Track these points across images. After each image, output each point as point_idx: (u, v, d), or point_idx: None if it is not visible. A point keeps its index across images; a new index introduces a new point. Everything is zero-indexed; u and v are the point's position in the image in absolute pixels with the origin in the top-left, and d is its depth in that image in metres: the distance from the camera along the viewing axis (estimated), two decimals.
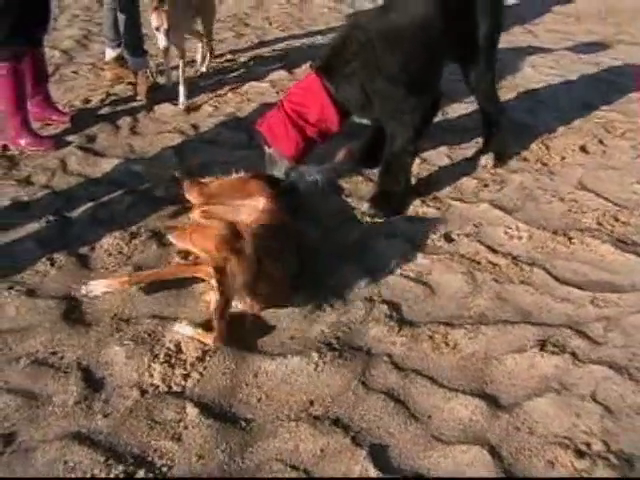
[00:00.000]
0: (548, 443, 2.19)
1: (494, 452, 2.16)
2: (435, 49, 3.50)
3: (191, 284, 3.03)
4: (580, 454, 2.13)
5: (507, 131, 3.97)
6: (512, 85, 4.94)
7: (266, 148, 3.67)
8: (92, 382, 2.55)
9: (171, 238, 3.16)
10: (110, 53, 5.36)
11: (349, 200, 3.64)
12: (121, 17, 4.94)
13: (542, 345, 2.59)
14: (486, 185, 3.71)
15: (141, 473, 2.16)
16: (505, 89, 4.83)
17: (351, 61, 3.43)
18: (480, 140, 4.06)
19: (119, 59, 5.31)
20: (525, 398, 2.39)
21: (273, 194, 3.06)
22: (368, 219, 3.46)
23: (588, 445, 2.17)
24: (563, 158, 3.95)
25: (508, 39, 5.85)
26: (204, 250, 2.90)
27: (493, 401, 2.38)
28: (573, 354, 2.54)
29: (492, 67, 3.79)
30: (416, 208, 3.53)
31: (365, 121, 3.96)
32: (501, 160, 3.88)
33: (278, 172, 3.60)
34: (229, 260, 2.71)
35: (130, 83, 5.22)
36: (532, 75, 5.12)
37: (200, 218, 3.05)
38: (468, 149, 4.06)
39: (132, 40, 5.02)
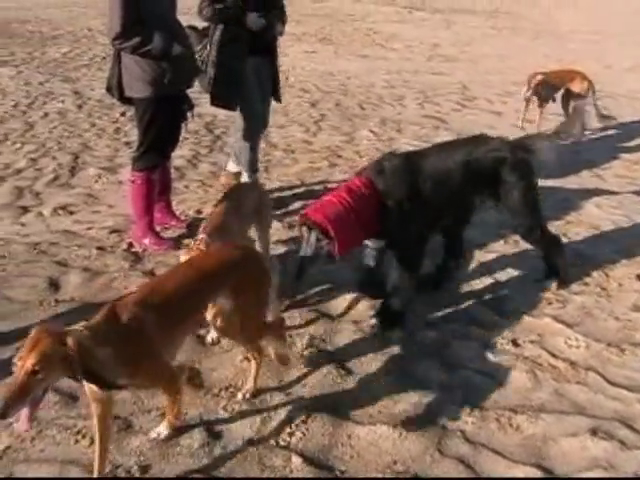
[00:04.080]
0: None
1: None
2: (445, 197, 4.01)
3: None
4: None
5: (568, 259, 4.53)
6: (577, 221, 5.50)
7: (310, 232, 3.66)
8: (212, 433, 3.11)
9: None
10: (233, 167, 6.17)
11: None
12: (244, 143, 5.85)
13: (594, 432, 3.06)
14: (550, 303, 4.23)
15: None
16: (570, 224, 5.41)
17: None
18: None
19: (237, 174, 6.11)
20: (576, 472, 2.85)
21: None
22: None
23: None
24: (620, 284, 4.46)
25: (577, 181, 6.48)
26: None
27: (549, 472, 2.85)
28: (621, 442, 3.00)
29: (536, 222, 4.29)
30: (489, 317, 4.08)
31: None
32: (564, 284, 4.40)
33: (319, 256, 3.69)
34: None
35: None
36: (596, 213, 5.67)
37: None
38: (536, 274, 4.58)
39: (250, 160, 5.87)
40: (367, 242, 3.99)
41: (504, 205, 4.20)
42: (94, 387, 2.60)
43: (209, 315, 3.17)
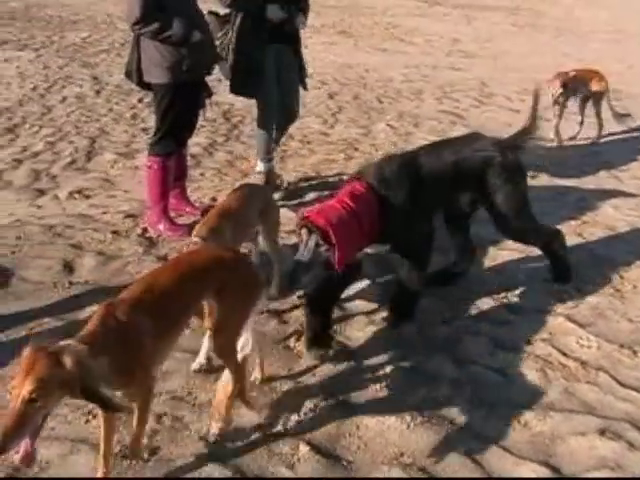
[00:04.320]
0: None
1: None
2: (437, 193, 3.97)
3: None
4: None
5: (583, 260, 4.55)
6: (593, 221, 5.46)
7: (310, 236, 3.42)
8: None
9: None
10: None
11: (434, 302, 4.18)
12: (259, 131, 5.85)
13: (602, 432, 3.05)
14: (563, 302, 4.21)
15: None
16: (586, 224, 5.38)
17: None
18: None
19: None
20: (584, 471, 2.85)
21: None
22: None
23: None
24: (635, 286, 4.43)
25: (594, 181, 6.43)
26: None
27: (556, 470, 2.85)
28: (629, 443, 2.99)
29: (525, 224, 4.18)
30: (500, 313, 4.07)
31: None
32: (568, 281, 4.38)
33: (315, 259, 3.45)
34: None
35: None
36: (613, 214, 5.63)
37: None
38: (548, 273, 4.53)
39: (263, 148, 5.85)
40: (367, 250, 3.82)
41: (493, 207, 4.11)
42: None
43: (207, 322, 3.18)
